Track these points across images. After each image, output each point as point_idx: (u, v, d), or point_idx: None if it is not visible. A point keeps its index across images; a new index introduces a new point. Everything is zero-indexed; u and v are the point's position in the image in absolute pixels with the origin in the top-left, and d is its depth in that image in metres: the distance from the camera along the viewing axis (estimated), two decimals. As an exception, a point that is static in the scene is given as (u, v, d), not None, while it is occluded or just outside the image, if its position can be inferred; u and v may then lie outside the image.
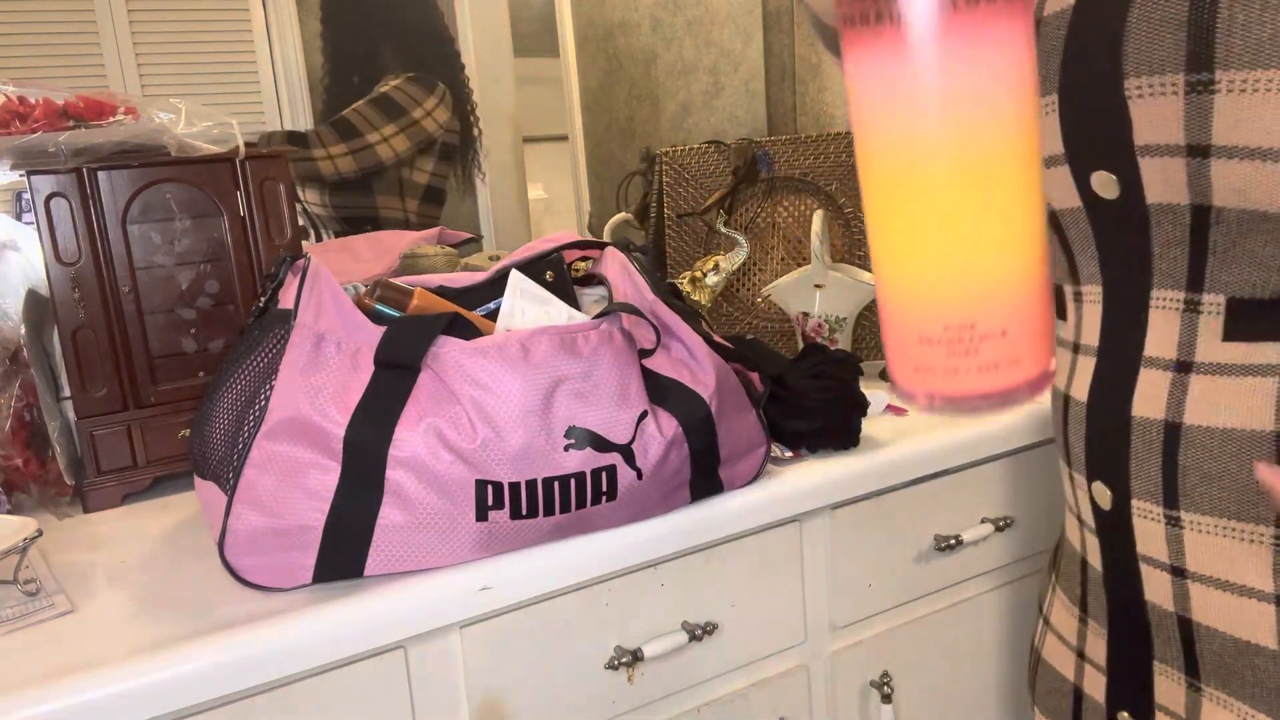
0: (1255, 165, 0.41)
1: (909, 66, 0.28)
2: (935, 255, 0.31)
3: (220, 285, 1.03)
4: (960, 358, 0.31)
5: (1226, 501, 0.48)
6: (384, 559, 0.76)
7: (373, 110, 1.55)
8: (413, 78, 1.58)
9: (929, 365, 0.32)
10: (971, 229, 0.30)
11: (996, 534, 1.11)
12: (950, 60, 0.28)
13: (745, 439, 0.89)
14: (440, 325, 0.78)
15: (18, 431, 0.99)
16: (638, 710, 0.91)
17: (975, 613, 1.12)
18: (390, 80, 1.57)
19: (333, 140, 1.52)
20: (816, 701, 1.02)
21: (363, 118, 1.54)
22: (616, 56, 1.82)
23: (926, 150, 0.29)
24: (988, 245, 0.30)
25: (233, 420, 0.77)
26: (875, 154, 0.30)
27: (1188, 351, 0.48)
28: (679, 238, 1.44)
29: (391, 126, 1.56)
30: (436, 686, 0.80)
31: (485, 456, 0.75)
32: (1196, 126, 0.43)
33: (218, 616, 0.72)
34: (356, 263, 1.28)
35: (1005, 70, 0.28)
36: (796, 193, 1.41)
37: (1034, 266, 0.31)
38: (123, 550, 0.87)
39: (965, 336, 0.31)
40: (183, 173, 0.99)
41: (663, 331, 0.86)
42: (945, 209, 0.29)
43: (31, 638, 0.72)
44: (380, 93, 1.56)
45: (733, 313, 1.43)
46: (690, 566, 0.91)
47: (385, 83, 1.57)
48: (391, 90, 1.57)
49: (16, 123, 0.91)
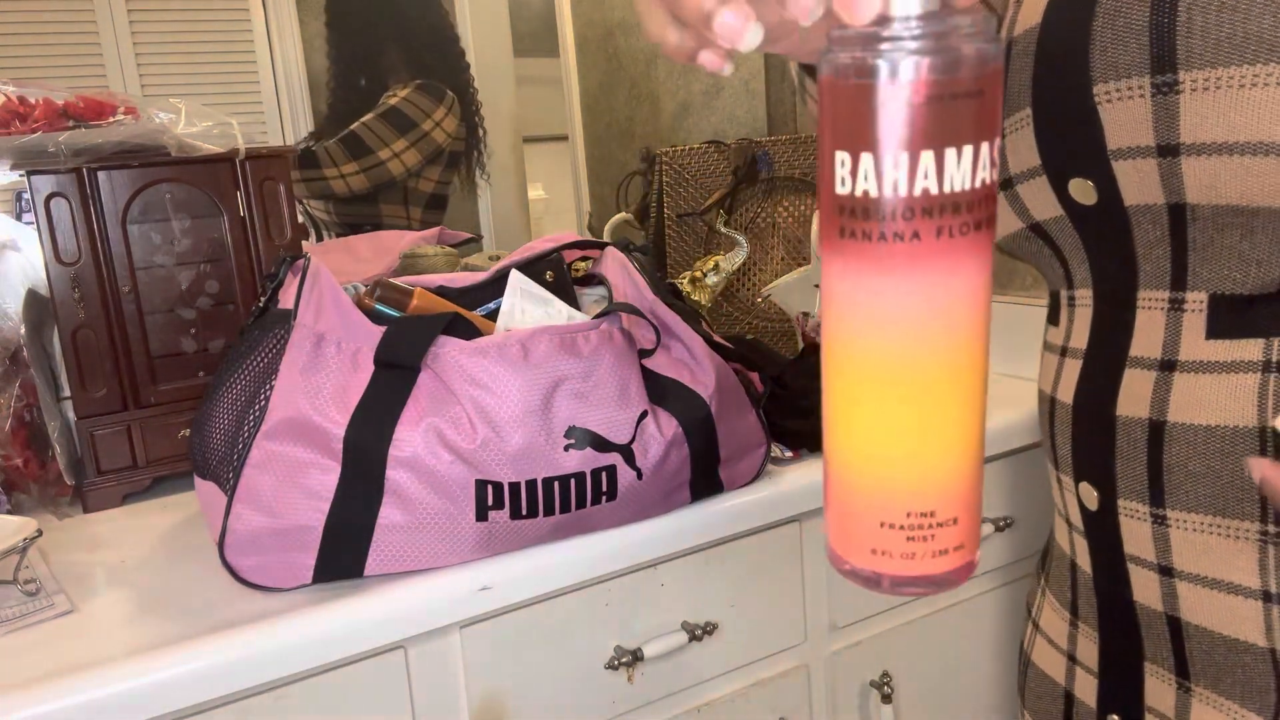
0: (1223, 160, 0.43)
1: (892, 282, 0.32)
2: (905, 448, 0.33)
3: (220, 285, 1.03)
4: (918, 543, 0.34)
5: (1211, 498, 0.48)
6: (384, 559, 0.76)
7: (382, 125, 1.54)
8: (421, 86, 1.57)
9: (887, 549, 0.34)
10: (940, 426, 0.33)
11: (996, 534, 1.11)
12: (930, 279, 0.31)
13: (745, 439, 0.89)
14: (440, 325, 0.78)
15: (18, 431, 0.99)
16: (638, 710, 0.91)
17: (975, 613, 1.12)
18: (399, 90, 1.56)
19: (344, 158, 1.51)
20: (816, 701, 1.02)
21: (373, 133, 1.53)
22: (616, 56, 1.82)
23: (911, 357, 0.32)
24: (951, 441, 0.34)
25: (233, 420, 0.77)
26: (852, 352, 0.33)
27: (1172, 350, 0.49)
28: (679, 238, 1.44)
29: (402, 141, 1.55)
30: (436, 686, 0.80)
31: (485, 456, 0.75)
32: (1165, 127, 0.45)
33: (218, 616, 0.72)
34: (356, 263, 1.27)
35: (979, 289, 0.32)
36: (796, 193, 1.41)
37: (979, 461, 0.35)
38: (123, 550, 0.87)
39: (925, 523, 0.34)
40: (183, 173, 0.99)
41: (663, 331, 0.86)
42: (921, 409, 0.33)
43: (31, 638, 0.72)
44: (389, 105, 1.55)
45: (733, 313, 1.43)
46: (690, 566, 0.91)
47: (394, 93, 1.56)
48: (400, 103, 1.56)
49: (16, 123, 0.91)
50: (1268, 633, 0.48)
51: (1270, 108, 0.41)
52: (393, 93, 1.56)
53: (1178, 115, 0.44)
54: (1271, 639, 0.48)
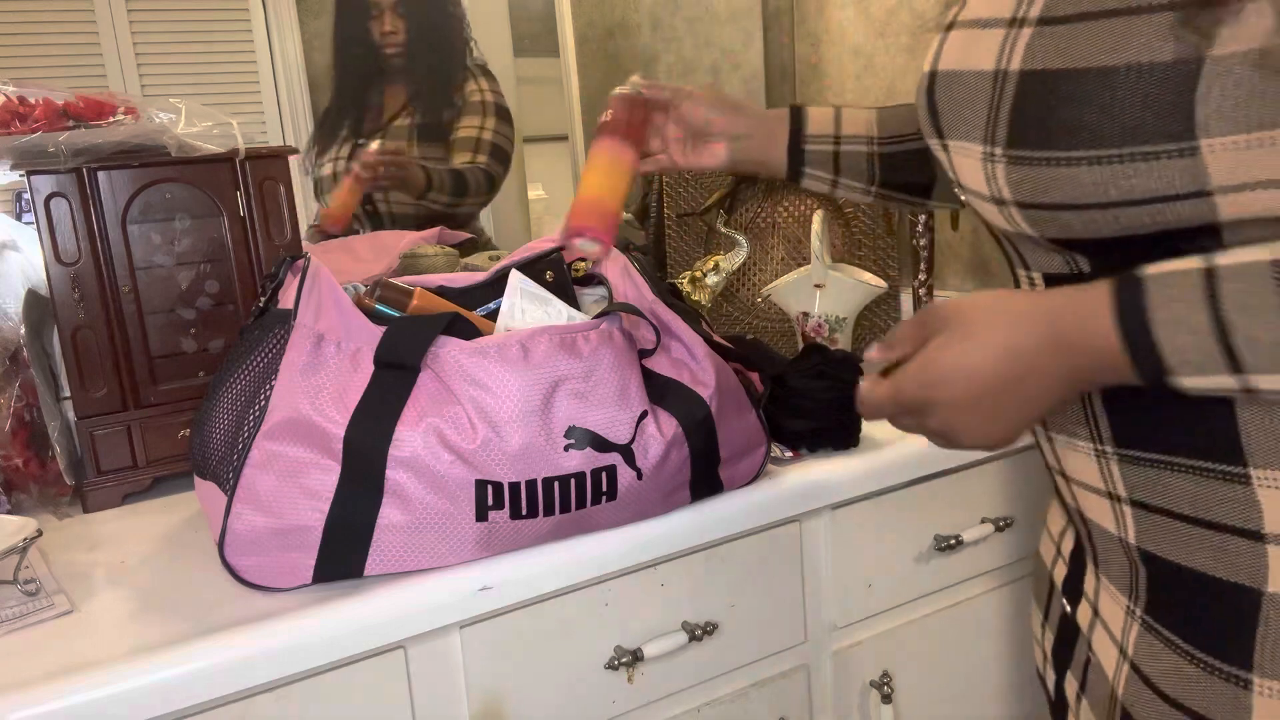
0: (1029, 212, 0.56)
1: None
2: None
3: (220, 285, 1.03)
4: None
5: (1059, 420, 0.62)
6: (384, 559, 0.76)
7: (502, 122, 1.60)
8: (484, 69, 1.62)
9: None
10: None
11: (996, 534, 1.11)
12: None
13: (745, 439, 0.89)
14: (440, 325, 0.78)
15: (18, 431, 0.99)
16: (638, 710, 0.91)
17: (975, 613, 1.12)
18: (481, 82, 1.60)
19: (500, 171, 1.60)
20: (816, 701, 1.02)
21: (505, 138, 1.60)
22: (616, 57, 1.82)
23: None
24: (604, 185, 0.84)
25: (233, 420, 0.77)
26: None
27: None
28: (679, 238, 1.44)
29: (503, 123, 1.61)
30: (436, 686, 0.81)
31: (485, 456, 0.75)
32: (992, 184, 0.57)
33: (218, 616, 0.73)
34: (356, 263, 1.27)
35: None
36: (796, 193, 1.41)
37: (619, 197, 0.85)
38: (123, 550, 0.87)
39: None
40: (183, 173, 0.98)
41: (663, 331, 0.86)
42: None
43: (31, 638, 0.72)
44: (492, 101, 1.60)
45: (733, 313, 1.43)
46: (690, 566, 0.91)
47: (479, 89, 1.60)
48: (496, 98, 1.60)
49: (16, 123, 0.91)
50: (1116, 524, 0.60)
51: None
52: (478, 89, 1.60)
53: (997, 179, 0.56)
54: (1120, 530, 0.60)
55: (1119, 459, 0.58)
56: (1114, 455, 0.58)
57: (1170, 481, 0.55)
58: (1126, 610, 0.61)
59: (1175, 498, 0.55)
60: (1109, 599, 0.63)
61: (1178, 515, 0.55)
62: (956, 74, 0.60)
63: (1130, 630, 0.60)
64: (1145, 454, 0.56)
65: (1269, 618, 0.52)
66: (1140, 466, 0.57)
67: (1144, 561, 0.59)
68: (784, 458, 0.97)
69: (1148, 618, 0.59)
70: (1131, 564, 0.60)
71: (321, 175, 1.54)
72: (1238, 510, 0.52)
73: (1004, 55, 0.55)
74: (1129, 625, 0.61)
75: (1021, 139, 0.54)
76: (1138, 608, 0.60)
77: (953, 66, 0.60)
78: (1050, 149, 0.52)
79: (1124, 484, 0.58)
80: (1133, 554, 0.60)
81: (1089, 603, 0.66)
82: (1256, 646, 0.52)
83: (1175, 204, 0.49)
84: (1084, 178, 0.51)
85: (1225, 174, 0.48)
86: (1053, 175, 0.53)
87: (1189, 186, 0.49)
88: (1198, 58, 0.47)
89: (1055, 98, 0.52)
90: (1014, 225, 0.58)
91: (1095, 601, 0.65)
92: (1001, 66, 0.55)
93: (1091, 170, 0.51)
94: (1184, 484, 0.55)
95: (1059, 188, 0.52)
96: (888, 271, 1.36)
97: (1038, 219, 0.55)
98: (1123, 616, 0.61)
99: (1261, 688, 0.52)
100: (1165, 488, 0.56)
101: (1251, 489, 0.52)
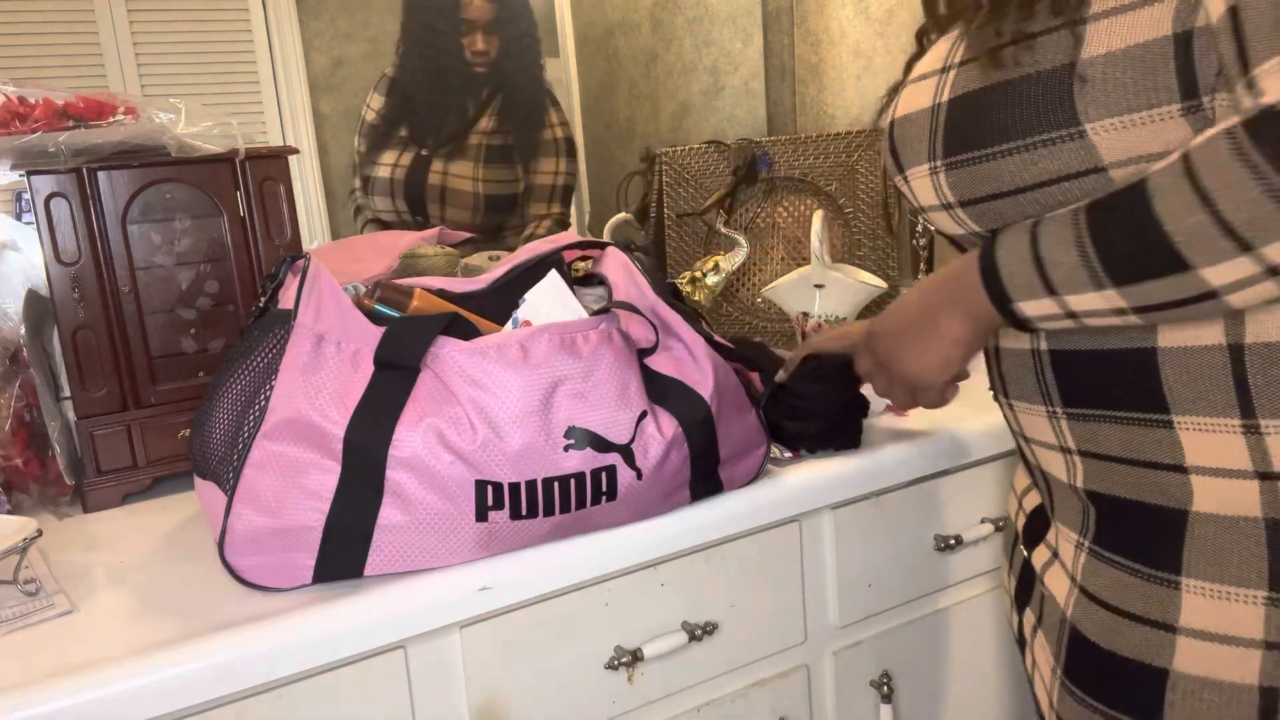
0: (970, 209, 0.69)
1: None
2: None
3: (220, 285, 1.03)
4: None
5: (1019, 390, 0.73)
6: (384, 559, 0.76)
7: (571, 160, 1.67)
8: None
9: None
10: None
11: (996, 534, 1.11)
12: None
13: (745, 439, 0.89)
14: (440, 325, 0.78)
15: (18, 431, 0.99)
16: (638, 710, 0.91)
17: (975, 613, 1.12)
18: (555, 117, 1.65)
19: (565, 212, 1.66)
20: (816, 701, 1.02)
21: (573, 175, 1.67)
22: (616, 56, 1.82)
23: None
24: None
25: (233, 420, 0.77)
26: None
27: None
28: (679, 238, 1.44)
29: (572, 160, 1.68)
30: (436, 686, 0.81)
31: (485, 457, 0.75)
32: (939, 193, 0.70)
33: (218, 616, 0.72)
34: (356, 263, 1.27)
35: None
36: (796, 193, 1.41)
37: None
38: (123, 550, 0.87)
39: None
40: (183, 173, 0.99)
41: (663, 331, 0.86)
42: None
43: (31, 638, 0.72)
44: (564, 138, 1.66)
45: (733, 313, 1.43)
46: (690, 566, 0.91)
47: (554, 123, 1.65)
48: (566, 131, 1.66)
49: (16, 123, 0.91)
50: (1068, 473, 0.71)
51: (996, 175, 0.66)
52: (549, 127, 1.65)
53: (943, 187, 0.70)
54: (1071, 477, 0.71)
55: (1067, 417, 0.69)
56: (1063, 414, 0.69)
57: (1109, 431, 0.66)
58: (1076, 545, 0.72)
59: (1114, 445, 0.66)
60: (1064, 541, 0.74)
61: (1117, 459, 0.67)
62: (907, 117, 0.73)
63: (1079, 560, 0.71)
64: (1088, 409, 0.68)
65: (1194, 531, 0.63)
66: (1084, 422, 0.68)
67: (1090, 500, 0.70)
68: (784, 458, 0.97)
69: (1095, 546, 0.70)
70: (1082, 505, 0.71)
71: (376, 176, 1.55)
72: (1164, 449, 0.64)
73: (938, 92, 0.70)
74: (1078, 557, 0.71)
75: (953, 147, 0.68)
76: (1086, 540, 0.70)
77: (903, 113, 0.74)
78: (976, 149, 0.66)
79: (1072, 437, 0.69)
80: (1081, 496, 0.70)
81: (1049, 548, 0.76)
82: (1184, 554, 0.63)
83: (1079, 180, 0.62)
84: (1004, 168, 0.64)
85: (1113, 151, 0.60)
86: (982, 171, 0.66)
87: (1086, 164, 0.61)
88: (1070, 63, 0.61)
89: (975, 110, 0.66)
90: (964, 226, 0.70)
91: (1056, 546, 0.75)
92: (937, 100, 0.69)
93: (1009, 160, 0.64)
94: (1120, 433, 0.66)
95: (988, 180, 0.66)
96: (888, 271, 1.36)
97: (979, 213, 0.68)
98: (1073, 551, 0.72)
99: (1189, 586, 0.63)
100: (1105, 437, 0.67)
101: (1174, 432, 0.63)
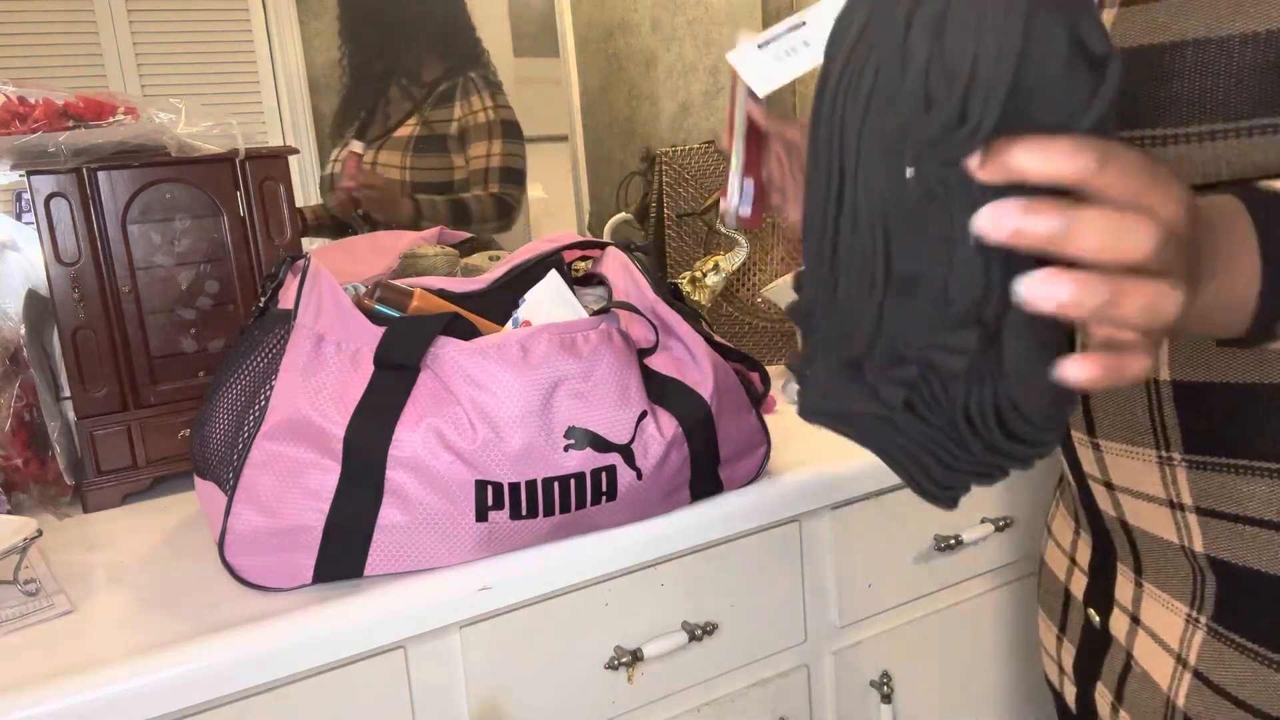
0: None
1: None
2: None
3: (220, 285, 1.03)
4: None
5: (1118, 428, 0.61)
6: (384, 559, 0.76)
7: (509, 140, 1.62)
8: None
9: None
10: None
11: (996, 534, 1.11)
12: None
13: (745, 439, 0.89)
14: (439, 325, 0.78)
15: (18, 431, 0.99)
16: (638, 710, 0.91)
17: (975, 613, 1.12)
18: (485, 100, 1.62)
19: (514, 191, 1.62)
20: (816, 701, 1.02)
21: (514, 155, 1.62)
22: (616, 57, 1.82)
23: None
24: None
25: (233, 420, 0.77)
26: None
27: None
28: (679, 238, 1.44)
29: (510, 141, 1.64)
30: (436, 686, 0.80)
31: (485, 457, 0.75)
32: None
33: (218, 616, 0.72)
34: (356, 263, 1.27)
35: None
36: (796, 193, 1.40)
37: None
38: (123, 550, 0.87)
39: None
40: (183, 173, 0.99)
41: (663, 331, 0.86)
42: None
43: (31, 638, 0.72)
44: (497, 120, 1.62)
45: (733, 313, 1.43)
46: (690, 566, 0.91)
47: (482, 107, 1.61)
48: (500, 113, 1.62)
49: (16, 123, 0.91)
50: (1178, 532, 0.59)
51: None
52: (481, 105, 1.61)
53: None
54: (1181, 537, 0.59)
55: (1187, 465, 0.57)
56: (1182, 462, 0.57)
57: (1249, 488, 0.54)
58: (1187, 619, 0.60)
59: (1254, 504, 0.54)
60: (1159, 608, 0.62)
61: (1254, 520, 0.54)
62: None
63: (1192, 639, 0.59)
64: (1217, 459, 0.55)
65: None
66: (1211, 473, 0.56)
67: (1212, 569, 0.58)
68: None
69: (1217, 625, 0.58)
70: (1196, 571, 0.59)
71: (324, 174, 1.54)
72: None
73: None
74: (1190, 633, 0.60)
75: None
76: (1202, 615, 0.59)
77: None
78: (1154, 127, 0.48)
79: (1190, 491, 0.57)
80: (1198, 561, 0.58)
81: (1125, 612, 0.65)
82: None
83: None
84: (1195, 156, 0.47)
85: None
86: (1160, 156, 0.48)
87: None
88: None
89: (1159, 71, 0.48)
90: None
91: (1135, 611, 0.64)
92: None
93: (1203, 147, 0.47)
94: (1265, 490, 0.54)
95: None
96: (888, 271, 1.36)
97: None
98: (1181, 625, 0.60)
99: None
100: (1242, 494, 0.55)
101: None
